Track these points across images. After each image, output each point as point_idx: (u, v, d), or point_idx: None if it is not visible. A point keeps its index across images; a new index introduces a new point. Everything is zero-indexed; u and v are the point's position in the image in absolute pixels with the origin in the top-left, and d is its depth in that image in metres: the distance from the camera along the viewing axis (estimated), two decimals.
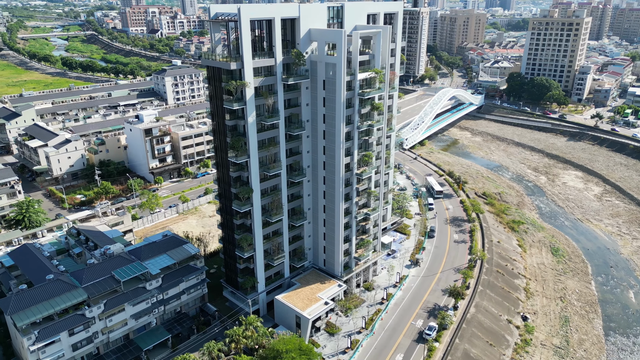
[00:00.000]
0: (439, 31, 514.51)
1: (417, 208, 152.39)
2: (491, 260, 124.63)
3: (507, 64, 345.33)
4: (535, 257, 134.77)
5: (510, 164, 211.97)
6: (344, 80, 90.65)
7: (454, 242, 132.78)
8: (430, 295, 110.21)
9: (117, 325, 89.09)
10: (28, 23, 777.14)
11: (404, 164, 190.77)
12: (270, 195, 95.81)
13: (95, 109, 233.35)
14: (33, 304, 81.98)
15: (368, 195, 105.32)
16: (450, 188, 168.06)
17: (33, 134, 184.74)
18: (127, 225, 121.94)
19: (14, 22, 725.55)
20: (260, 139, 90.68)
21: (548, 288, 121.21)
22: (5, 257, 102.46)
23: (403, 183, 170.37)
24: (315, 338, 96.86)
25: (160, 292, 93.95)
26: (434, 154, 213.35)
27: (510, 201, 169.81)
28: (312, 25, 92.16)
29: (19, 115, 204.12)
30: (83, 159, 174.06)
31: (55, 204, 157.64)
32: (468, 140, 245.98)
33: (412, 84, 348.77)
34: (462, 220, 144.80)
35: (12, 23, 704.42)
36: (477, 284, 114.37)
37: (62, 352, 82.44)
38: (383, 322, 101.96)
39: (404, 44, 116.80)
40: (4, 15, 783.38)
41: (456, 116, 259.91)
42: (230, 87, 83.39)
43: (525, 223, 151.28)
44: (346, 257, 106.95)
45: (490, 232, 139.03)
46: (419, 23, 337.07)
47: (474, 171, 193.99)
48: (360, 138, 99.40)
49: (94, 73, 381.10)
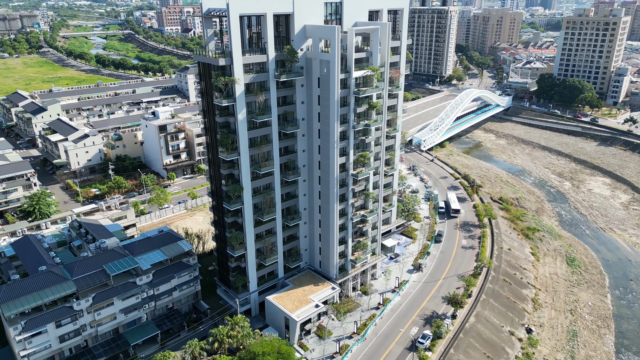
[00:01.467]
0: (472, 31, 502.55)
1: (427, 211, 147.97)
2: (499, 268, 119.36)
3: (540, 65, 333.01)
4: (548, 267, 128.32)
5: (534, 169, 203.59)
6: (338, 77, 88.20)
7: (462, 248, 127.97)
8: (429, 302, 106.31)
9: (106, 319, 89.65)
10: (71, 22, 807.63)
11: (420, 166, 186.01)
12: (262, 193, 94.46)
13: (119, 105, 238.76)
14: (23, 295, 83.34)
15: (366, 197, 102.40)
16: (464, 192, 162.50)
17: (55, 129, 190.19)
18: (130, 219, 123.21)
19: (58, 21, 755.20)
20: (251, 136, 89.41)
21: (558, 300, 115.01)
22: (8, 247, 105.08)
23: (416, 185, 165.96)
24: (305, 341, 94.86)
25: (150, 287, 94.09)
26: (453, 156, 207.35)
27: (528, 207, 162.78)
28: (307, 21, 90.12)
29: (45, 110, 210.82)
30: (100, 154, 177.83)
31: (71, 197, 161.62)
32: (491, 143, 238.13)
33: (439, 84, 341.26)
34: (473, 225, 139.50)
35: (55, 22, 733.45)
36: (481, 292, 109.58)
37: (48, 343, 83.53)
38: (376, 327, 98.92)
39: (409, 41, 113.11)
40: (49, 15, 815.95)
41: (480, 118, 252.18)
42: (218, 84, 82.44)
43: (542, 230, 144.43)
44: (342, 260, 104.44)
45: (502, 238, 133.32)
46: (447, 22, 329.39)
47: (493, 175, 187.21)
48: (356, 138, 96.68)
49: (125, 71, 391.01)
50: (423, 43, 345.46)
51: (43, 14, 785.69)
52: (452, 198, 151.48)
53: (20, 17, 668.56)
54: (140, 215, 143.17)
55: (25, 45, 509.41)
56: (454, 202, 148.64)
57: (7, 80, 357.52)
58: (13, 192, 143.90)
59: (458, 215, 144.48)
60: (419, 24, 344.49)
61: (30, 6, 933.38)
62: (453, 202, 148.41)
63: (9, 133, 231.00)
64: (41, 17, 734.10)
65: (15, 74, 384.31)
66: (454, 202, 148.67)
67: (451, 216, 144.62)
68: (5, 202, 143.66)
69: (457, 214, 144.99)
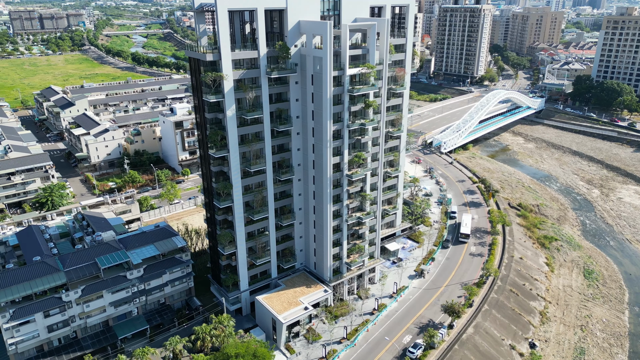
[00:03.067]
0: (510, 30, 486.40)
1: (438, 215, 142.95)
2: (506, 277, 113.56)
3: (579, 66, 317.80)
4: (562, 279, 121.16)
5: (561, 174, 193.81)
6: (330, 74, 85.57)
7: (469, 255, 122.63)
8: (427, 310, 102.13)
9: (95, 311, 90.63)
10: (116, 21, 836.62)
11: (437, 168, 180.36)
12: (254, 192, 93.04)
13: (144, 101, 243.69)
14: (14, 284, 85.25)
15: (362, 198, 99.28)
16: (480, 196, 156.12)
17: (80, 123, 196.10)
18: (134, 214, 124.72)
19: (102, 20, 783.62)
20: (242, 133, 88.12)
21: (569, 314, 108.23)
22: (13, 236, 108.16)
23: (430, 189, 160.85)
24: (293, 344, 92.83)
25: (141, 282, 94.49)
26: (475, 159, 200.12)
27: (549, 214, 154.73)
28: (302, 17, 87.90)
29: (73, 105, 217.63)
30: (119, 148, 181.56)
31: (88, 189, 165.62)
32: (519, 147, 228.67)
33: (470, 85, 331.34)
34: (485, 231, 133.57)
35: (100, 21, 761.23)
36: (483, 302, 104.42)
37: (37, 333, 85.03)
38: (368, 334, 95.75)
39: (416, 39, 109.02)
40: (94, 14, 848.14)
41: (508, 120, 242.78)
42: (206, 79, 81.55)
43: (560, 240, 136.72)
44: (336, 262, 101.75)
45: (514, 246, 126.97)
46: (479, 21, 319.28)
47: (515, 180, 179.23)
48: (352, 137, 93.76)
49: (158, 68, 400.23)
50: (454, 42, 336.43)
51: (89, 13, 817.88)
52: (466, 220, 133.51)
53: (67, 15, 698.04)
54: (150, 209, 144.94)
55: (68, 43, 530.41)
56: (465, 225, 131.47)
57: (47, 76, 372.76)
58: (31, 183, 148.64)
59: (467, 241, 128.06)
60: (451, 23, 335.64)
61: (80, 5, 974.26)
62: (464, 226, 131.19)
63: (41, 126, 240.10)
64: (87, 16, 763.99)
65: (55, 70, 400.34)
66: (466, 225, 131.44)
67: (459, 241, 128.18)
68: (23, 192, 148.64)
69: (467, 240, 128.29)
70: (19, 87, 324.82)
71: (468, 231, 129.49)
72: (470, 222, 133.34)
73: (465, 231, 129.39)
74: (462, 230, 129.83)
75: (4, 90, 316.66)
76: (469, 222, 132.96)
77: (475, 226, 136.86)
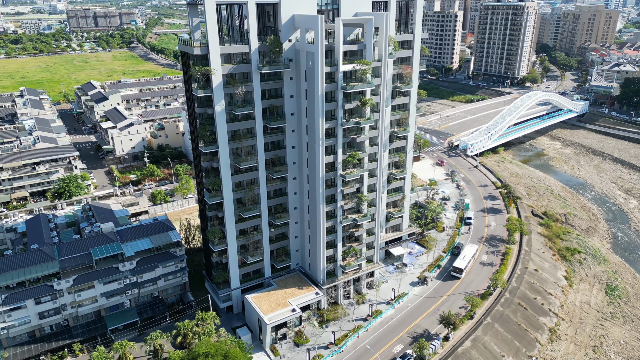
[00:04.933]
0: (561, 29, 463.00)
1: (453, 221, 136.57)
2: (516, 290, 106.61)
3: (630, 68, 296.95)
4: (581, 294, 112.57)
5: (597, 183, 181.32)
6: (322, 70, 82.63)
7: (479, 264, 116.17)
8: (424, 320, 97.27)
9: (87, 301, 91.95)
10: (167, 20, 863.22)
11: (460, 172, 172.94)
12: (245, 189, 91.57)
13: (175, 97, 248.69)
14: (10, 270, 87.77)
15: (358, 200, 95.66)
16: (502, 203, 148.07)
17: (109, 117, 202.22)
18: (142, 207, 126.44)
19: (153, 18, 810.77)
20: (232, 129, 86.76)
21: (582, 333, 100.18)
22: (22, 224, 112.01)
23: (449, 192, 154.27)
24: (279, 346, 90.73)
25: (134, 274, 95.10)
26: (504, 163, 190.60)
27: (576, 225, 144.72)
28: (298, 10, 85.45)
29: (107, 99, 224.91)
30: (143, 142, 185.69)
31: (111, 181, 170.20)
32: (555, 152, 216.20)
33: (510, 86, 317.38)
34: (500, 240, 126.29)
35: (150, 20, 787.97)
36: (486, 315, 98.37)
37: (28, 319, 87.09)
38: (358, 340, 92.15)
39: (425, 35, 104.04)
40: (147, 13, 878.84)
41: (545, 124, 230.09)
42: (194, 73, 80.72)
43: (584, 252, 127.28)
44: (331, 264, 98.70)
45: (530, 257, 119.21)
46: (522, 19, 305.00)
47: (544, 187, 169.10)
48: (347, 136, 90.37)
49: None
50: (495, 42, 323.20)
51: (141, 11, 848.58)
52: (466, 252, 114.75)
53: (120, 14, 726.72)
54: (164, 203, 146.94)
55: (118, 41, 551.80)
56: (463, 258, 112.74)
57: (93, 71, 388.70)
58: (55, 173, 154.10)
59: (461, 276, 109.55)
60: (492, 21, 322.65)
61: (134, 5, 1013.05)
62: (461, 258, 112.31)
63: (78, 119, 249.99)
64: (139, 15, 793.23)
65: (102, 66, 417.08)
66: (463, 258, 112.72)
67: (451, 275, 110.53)
68: (47, 182, 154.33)
69: (460, 275, 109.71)
70: (65, 81, 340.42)
71: (463, 265, 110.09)
72: (471, 255, 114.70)
73: (459, 265, 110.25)
74: (456, 263, 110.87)
75: (52, 84, 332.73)
76: (469, 256, 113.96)
77: (490, 234, 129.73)
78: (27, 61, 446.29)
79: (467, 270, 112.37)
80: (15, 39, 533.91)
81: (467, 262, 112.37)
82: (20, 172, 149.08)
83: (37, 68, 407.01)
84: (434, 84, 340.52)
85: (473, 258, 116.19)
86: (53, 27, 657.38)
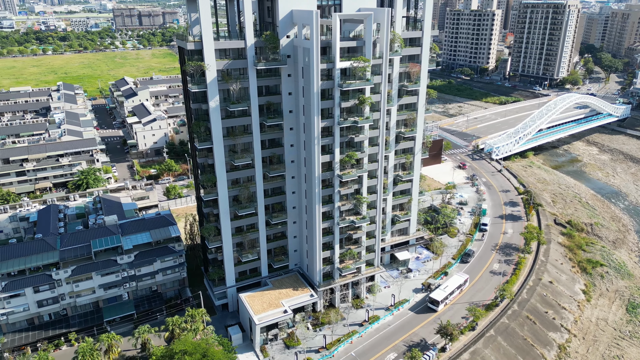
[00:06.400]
0: (608, 29, 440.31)
1: (468, 227, 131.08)
2: (526, 302, 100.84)
3: None
4: (598, 310, 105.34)
5: (633, 191, 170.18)
6: (317, 67, 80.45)
7: (490, 273, 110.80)
8: (422, 329, 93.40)
9: (85, 291, 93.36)
10: None
11: (482, 176, 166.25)
12: (241, 186, 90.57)
13: None
14: (12, 258, 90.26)
15: (357, 201, 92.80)
16: (522, 209, 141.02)
17: (135, 112, 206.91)
18: (152, 201, 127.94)
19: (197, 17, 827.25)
20: (228, 125, 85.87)
21: (595, 352, 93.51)
22: (35, 214, 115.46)
23: (468, 197, 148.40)
24: (269, 347, 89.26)
25: (131, 267, 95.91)
26: (532, 168, 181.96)
27: (603, 235, 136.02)
28: (297, 6, 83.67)
29: (136, 95, 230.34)
30: (166, 137, 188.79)
31: (132, 175, 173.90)
32: (590, 158, 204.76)
33: (548, 88, 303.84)
34: (515, 248, 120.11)
35: None
36: (489, 327, 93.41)
37: (27, 306, 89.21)
38: (351, 346, 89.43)
39: (435, 32, 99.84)
40: None
41: (581, 128, 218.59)
42: (187, 68, 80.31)
43: (607, 266, 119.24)
44: (328, 266, 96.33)
45: (545, 268, 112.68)
46: (563, 18, 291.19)
47: (572, 194, 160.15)
48: (344, 135, 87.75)
49: None
50: (534, 41, 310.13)
51: (184, 11, 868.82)
52: (450, 283, 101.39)
53: (163, 13, 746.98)
54: (178, 198, 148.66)
55: (158, 39, 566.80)
56: (443, 289, 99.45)
57: (132, 68, 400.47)
58: (77, 165, 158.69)
59: (437, 309, 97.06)
60: (531, 20, 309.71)
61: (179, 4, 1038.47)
62: (440, 290, 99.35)
63: (110, 114, 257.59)
64: (182, 14, 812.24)
65: (140, 63, 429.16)
66: (444, 289, 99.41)
67: (428, 308, 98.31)
68: (70, 173, 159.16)
69: (437, 308, 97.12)
70: (105, 77, 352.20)
71: (440, 298, 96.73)
72: (455, 285, 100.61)
73: (436, 297, 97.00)
74: (433, 295, 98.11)
75: (91, 80, 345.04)
76: (452, 286, 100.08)
77: (505, 242, 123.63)
78: (72, 57, 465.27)
79: (448, 303, 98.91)
80: (63, 36, 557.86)
81: (448, 294, 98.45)
82: (45, 163, 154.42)
83: (80, 64, 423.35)
84: (467, 84, 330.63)
85: (460, 290, 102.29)
86: (100, 26, 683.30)
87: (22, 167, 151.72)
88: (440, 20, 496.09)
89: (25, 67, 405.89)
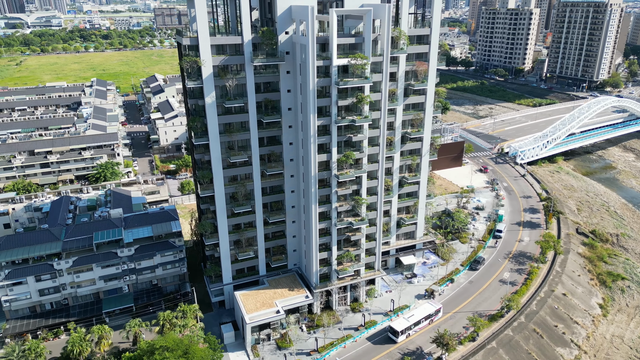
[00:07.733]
0: None
1: (482, 233, 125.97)
2: (534, 314, 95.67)
3: None
4: (615, 326, 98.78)
5: None
6: (313, 63, 78.71)
7: (499, 282, 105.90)
8: (420, 337, 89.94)
9: (85, 282, 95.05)
10: None
11: (504, 180, 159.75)
12: (238, 183, 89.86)
13: None
14: (17, 247, 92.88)
15: (356, 202, 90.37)
16: (543, 217, 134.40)
17: (160, 108, 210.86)
18: (163, 195, 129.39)
19: None
20: (224, 122, 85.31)
21: None
22: (48, 204, 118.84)
23: (485, 202, 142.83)
24: (261, 347, 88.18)
25: (131, 260, 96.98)
26: (559, 174, 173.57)
27: (629, 247, 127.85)
28: (296, 2, 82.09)
29: (162, 92, 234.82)
30: (187, 133, 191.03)
31: (152, 169, 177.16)
32: (626, 164, 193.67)
33: (586, 90, 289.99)
34: (530, 257, 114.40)
35: None
36: (491, 338, 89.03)
37: (28, 294, 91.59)
38: (344, 350, 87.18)
39: (444, 29, 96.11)
40: None
41: (616, 133, 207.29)
42: (183, 64, 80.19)
43: (629, 279, 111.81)
44: (326, 268, 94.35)
45: (560, 279, 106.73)
46: (605, 17, 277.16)
47: (599, 202, 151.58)
48: (343, 134, 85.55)
49: None
50: (572, 41, 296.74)
51: None
52: (416, 312, 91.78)
53: None
54: (192, 193, 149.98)
55: None
56: (406, 318, 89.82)
57: (166, 66, 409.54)
58: (99, 158, 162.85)
59: (397, 340, 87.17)
60: (570, 20, 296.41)
61: None
62: (402, 319, 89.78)
63: (140, 110, 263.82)
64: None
65: (175, 61, 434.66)
66: (408, 318, 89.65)
67: (388, 339, 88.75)
68: (92, 166, 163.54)
69: (396, 338, 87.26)
70: (140, 74, 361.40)
71: (400, 328, 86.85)
72: (423, 315, 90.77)
73: (396, 327, 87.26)
74: (394, 323, 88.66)
75: (126, 77, 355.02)
76: (419, 316, 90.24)
77: (520, 250, 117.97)
78: (111, 55, 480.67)
79: (412, 335, 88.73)
80: (105, 34, 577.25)
81: (412, 324, 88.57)
82: (68, 156, 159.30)
83: (118, 61, 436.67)
84: (500, 85, 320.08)
85: (429, 321, 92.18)
86: (142, 24, 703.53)
87: (46, 160, 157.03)
88: (478, 21, 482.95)
89: (67, 63, 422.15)
